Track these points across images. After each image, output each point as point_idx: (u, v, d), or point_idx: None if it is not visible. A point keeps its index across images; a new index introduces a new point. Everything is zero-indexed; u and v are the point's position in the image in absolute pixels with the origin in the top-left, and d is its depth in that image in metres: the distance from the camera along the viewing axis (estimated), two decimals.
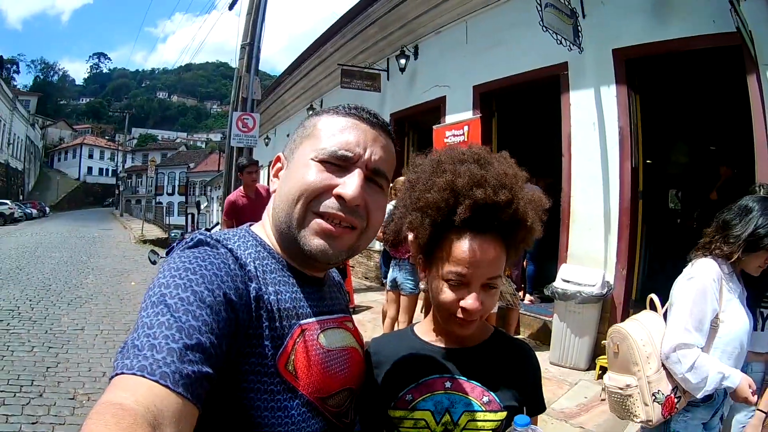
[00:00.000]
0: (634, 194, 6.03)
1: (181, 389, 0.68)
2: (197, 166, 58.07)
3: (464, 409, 1.18)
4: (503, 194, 1.13)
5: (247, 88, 8.82)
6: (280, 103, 16.96)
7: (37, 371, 5.49)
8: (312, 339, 0.99)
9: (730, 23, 4.70)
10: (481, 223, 1.14)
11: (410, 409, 1.20)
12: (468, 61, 8.31)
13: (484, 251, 1.14)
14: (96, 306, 8.93)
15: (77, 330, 7.25)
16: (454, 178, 1.16)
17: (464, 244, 1.14)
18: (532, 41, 6.75)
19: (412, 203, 1.22)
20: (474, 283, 1.14)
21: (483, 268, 1.14)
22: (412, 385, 1.23)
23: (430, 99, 9.22)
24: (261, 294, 0.91)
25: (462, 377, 1.23)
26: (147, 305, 0.77)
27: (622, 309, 6.00)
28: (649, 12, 5.74)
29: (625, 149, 5.98)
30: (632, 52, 5.96)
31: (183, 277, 0.80)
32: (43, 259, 14.91)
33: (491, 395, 1.21)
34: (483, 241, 1.14)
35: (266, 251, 1.01)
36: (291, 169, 1.03)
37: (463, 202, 1.13)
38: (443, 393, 1.21)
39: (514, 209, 1.15)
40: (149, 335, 0.71)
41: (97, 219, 43.39)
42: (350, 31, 10.93)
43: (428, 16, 8.97)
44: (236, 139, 8.41)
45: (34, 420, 4.37)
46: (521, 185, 1.19)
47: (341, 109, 1.06)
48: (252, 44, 8.85)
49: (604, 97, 6.18)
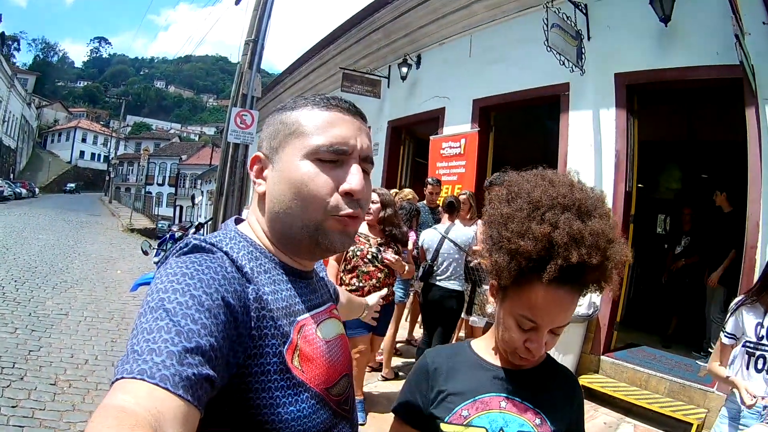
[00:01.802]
0: (626, 218, 6.07)
1: (182, 391, 0.68)
2: (189, 159, 57.84)
3: (518, 428, 1.19)
4: (596, 257, 1.10)
5: (248, 85, 8.79)
6: (278, 102, 16.63)
7: (19, 354, 5.48)
8: (311, 333, 1.01)
9: (732, 56, 4.76)
10: (561, 272, 1.11)
11: (465, 425, 1.21)
12: (469, 74, 8.33)
13: (560, 303, 1.15)
14: (81, 292, 8.92)
15: (61, 315, 7.24)
16: (553, 230, 1.12)
17: (545, 296, 1.14)
18: (535, 59, 6.79)
19: (503, 243, 1.19)
20: (544, 330, 1.16)
21: (556, 317, 1.16)
22: (469, 401, 1.24)
23: (429, 109, 9.23)
24: (260, 295, 0.92)
25: (516, 398, 1.24)
26: (145, 311, 0.77)
27: (606, 330, 6.05)
28: (654, 39, 5.79)
29: (620, 173, 6.03)
30: (634, 77, 6.02)
31: (181, 282, 0.81)
32: (30, 241, 14.84)
33: (543, 418, 1.22)
34: (563, 294, 1.14)
35: (258, 251, 1.02)
36: (283, 171, 1.02)
37: (556, 260, 1.10)
38: (499, 412, 1.22)
39: (601, 271, 1.14)
40: (148, 340, 0.72)
41: (85, 204, 43.03)
42: (354, 36, 10.92)
43: (433, 26, 8.99)
44: (233, 134, 8.38)
45: (15, 404, 4.37)
46: (614, 246, 1.15)
47: (320, 101, 1.06)
48: (256, 41, 8.80)
49: (603, 120, 6.23)
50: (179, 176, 55.65)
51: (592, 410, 5.34)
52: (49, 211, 28.84)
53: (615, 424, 5.09)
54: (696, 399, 5.14)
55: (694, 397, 5.17)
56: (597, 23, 6.41)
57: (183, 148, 67.16)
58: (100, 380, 5.15)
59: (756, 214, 4.96)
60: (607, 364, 5.95)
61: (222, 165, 9.13)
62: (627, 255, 1.18)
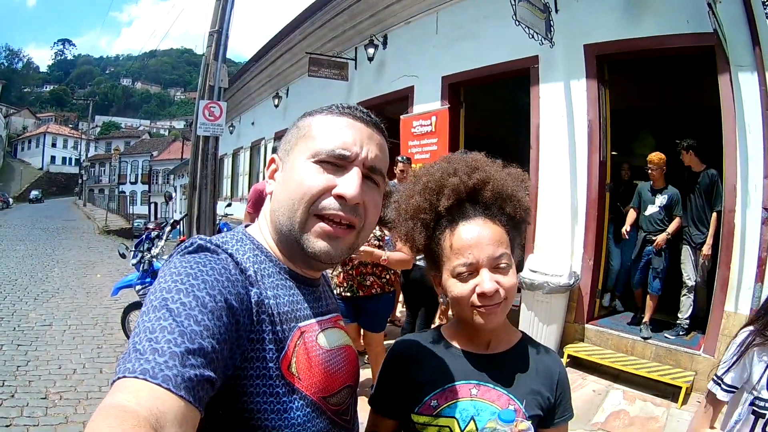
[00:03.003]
0: (602, 187, 6.14)
1: (183, 392, 0.68)
2: (160, 155, 57.37)
3: (490, 417, 1.16)
4: (477, 175, 1.20)
5: (215, 77, 8.68)
6: (246, 90, 16.79)
7: (8, 371, 5.41)
8: (311, 340, 1.00)
9: (703, 24, 4.84)
10: (468, 210, 1.19)
11: (435, 415, 1.19)
12: (437, 51, 8.30)
13: (480, 232, 1.17)
14: (63, 300, 8.83)
15: (45, 326, 7.17)
16: (429, 178, 1.24)
17: (459, 233, 1.18)
18: (504, 34, 6.80)
19: (401, 217, 1.28)
20: (482, 266, 1.15)
21: (485, 248, 1.15)
22: (438, 390, 1.21)
23: (398, 89, 9.18)
24: (262, 299, 0.92)
25: (489, 384, 1.21)
26: (149, 309, 0.77)
27: (589, 299, 6.13)
28: (622, 10, 5.83)
29: (594, 142, 6.07)
30: (603, 48, 6.04)
31: (185, 282, 0.80)
32: (8, 253, 14.64)
33: (517, 404, 1.19)
34: (476, 225, 1.18)
35: (263, 254, 1.02)
36: (288, 171, 1.03)
37: (443, 193, 1.20)
38: (469, 400, 1.19)
39: (493, 185, 1.20)
40: (151, 339, 0.72)
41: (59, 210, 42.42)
42: (319, 19, 10.81)
43: (399, 5, 8.92)
44: (203, 127, 8.27)
45: (8, 423, 4.31)
46: (492, 164, 1.27)
47: (335, 108, 1.05)
48: (221, 32, 8.68)
49: (574, 91, 6.26)
50: (152, 173, 55.30)
51: (580, 379, 5.42)
52: (24, 221, 28.45)
53: (604, 391, 5.16)
54: (683, 362, 5.24)
55: (680, 360, 5.27)
56: None
57: (154, 144, 66.55)
58: (90, 389, 5.10)
59: (732, 177, 5.04)
60: (592, 332, 6.04)
61: (193, 159, 9.03)
62: (517, 171, 1.31)
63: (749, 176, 4.94)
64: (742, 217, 5.00)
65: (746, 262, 4.96)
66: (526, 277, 5.90)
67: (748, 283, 4.90)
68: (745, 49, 4.91)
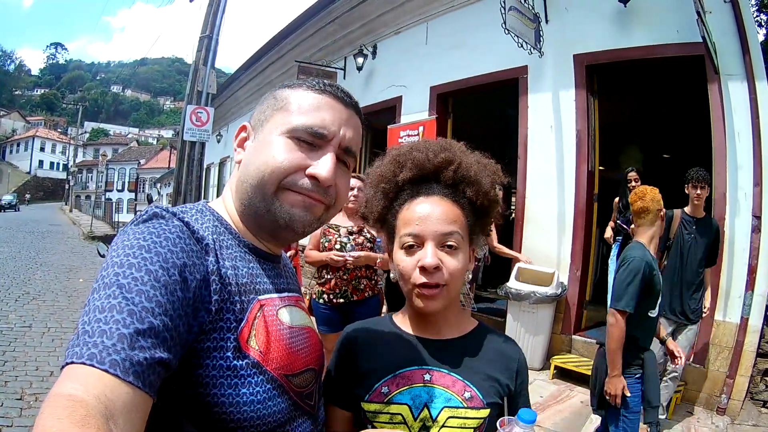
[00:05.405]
0: (590, 197, 6.15)
1: (132, 378, 0.66)
2: (147, 163, 57.62)
3: (444, 404, 1.13)
4: (442, 155, 1.21)
5: (203, 82, 8.64)
6: (234, 100, 16.81)
7: None
8: (272, 314, 0.97)
9: (692, 34, 4.87)
10: (429, 188, 1.21)
11: (386, 402, 1.14)
12: (426, 61, 8.32)
13: (432, 208, 1.17)
14: (44, 303, 8.70)
15: (24, 327, 7.06)
16: (398, 152, 1.28)
17: (414, 205, 1.19)
18: (492, 44, 6.83)
19: (366, 185, 1.35)
20: (427, 240, 1.14)
21: (433, 223, 1.15)
22: (389, 377, 1.17)
23: (386, 98, 9.21)
24: (219, 267, 0.88)
25: (443, 369, 1.17)
26: (99, 286, 0.74)
27: (576, 309, 6.11)
28: (613, 19, 5.86)
29: (582, 153, 6.08)
30: (593, 57, 6.07)
31: (137, 255, 0.77)
32: None
33: (474, 391, 1.15)
34: (431, 201, 1.18)
35: (223, 226, 0.98)
36: (260, 143, 1.00)
37: (406, 166, 1.22)
38: (422, 386, 1.15)
39: (457, 167, 1.20)
40: (99, 320, 0.69)
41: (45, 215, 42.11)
42: (310, 28, 10.85)
43: (390, 15, 8.96)
44: (189, 132, 8.22)
45: None
46: (463, 150, 1.28)
47: (316, 84, 1.03)
48: (210, 36, 8.65)
49: (563, 101, 6.28)
50: (138, 181, 55.20)
51: (568, 390, 5.38)
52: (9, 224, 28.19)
53: None
54: None
55: None
56: (555, 5, 6.45)
57: (141, 152, 66.68)
58: None
59: (722, 185, 5.08)
60: (579, 343, 6.01)
61: (179, 164, 8.97)
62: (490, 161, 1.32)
63: (739, 184, 4.99)
64: (732, 226, 5.02)
65: (736, 270, 4.99)
66: (513, 287, 5.87)
67: (738, 291, 4.93)
68: (734, 57, 4.98)
